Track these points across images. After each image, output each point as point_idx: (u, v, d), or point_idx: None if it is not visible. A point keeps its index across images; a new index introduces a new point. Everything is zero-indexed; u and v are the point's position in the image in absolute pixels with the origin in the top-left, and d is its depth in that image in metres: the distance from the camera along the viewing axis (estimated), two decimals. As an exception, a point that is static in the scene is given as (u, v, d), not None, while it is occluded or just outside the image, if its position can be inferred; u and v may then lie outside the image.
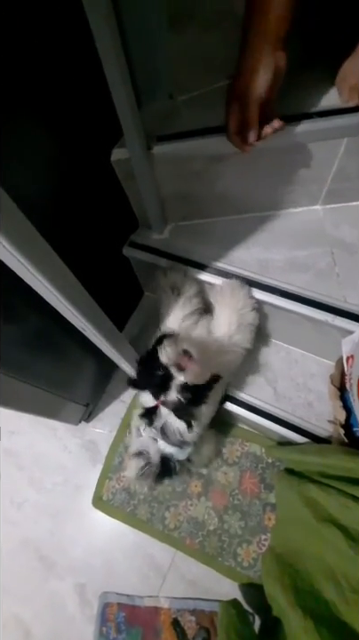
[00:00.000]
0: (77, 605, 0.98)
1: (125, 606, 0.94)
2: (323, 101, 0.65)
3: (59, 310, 0.60)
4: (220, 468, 1.04)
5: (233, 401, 0.91)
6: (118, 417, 1.17)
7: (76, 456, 1.15)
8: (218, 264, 0.81)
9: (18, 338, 0.75)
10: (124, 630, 0.93)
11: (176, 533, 1.00)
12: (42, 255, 0.46)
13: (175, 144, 0.67)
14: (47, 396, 0.91)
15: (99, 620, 0.95)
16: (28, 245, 0.42)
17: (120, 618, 0.94)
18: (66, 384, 0.97)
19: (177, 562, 0.98)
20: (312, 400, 0.88)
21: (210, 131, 0.66)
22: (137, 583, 0.97)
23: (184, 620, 0.91)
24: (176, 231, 0.87)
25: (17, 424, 1.23)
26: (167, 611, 0.92)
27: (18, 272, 0.46)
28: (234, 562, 0.95)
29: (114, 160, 0.70)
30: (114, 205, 0.82)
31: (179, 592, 0.95)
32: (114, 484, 1.08)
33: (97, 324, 0.66)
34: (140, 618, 0.93)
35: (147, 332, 0.99)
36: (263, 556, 0.90)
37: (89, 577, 1.00)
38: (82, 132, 0.64)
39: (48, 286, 0.50)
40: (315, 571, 0.60)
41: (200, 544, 0.98)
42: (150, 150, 0.66)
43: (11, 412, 1.22)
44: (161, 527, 1.01)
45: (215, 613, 0.91)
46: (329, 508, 0.58)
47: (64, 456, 1.15)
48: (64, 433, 1.18)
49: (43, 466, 1.15)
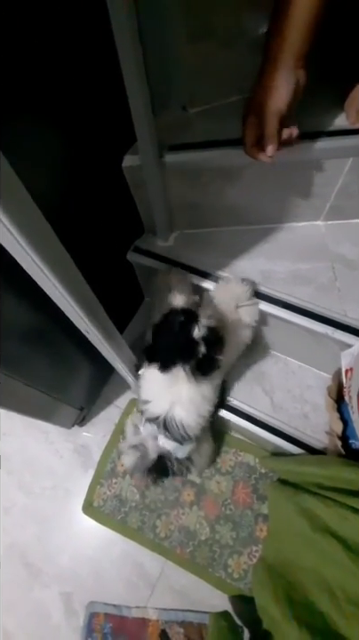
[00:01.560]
0: (63, 615, 0.95)
1: (112, 617, 0.92)
2: (332, 122, 0.68)
3: (64, 311, 0.60)
4: (214, 477, 1.04)
5: (230, 409, 0.91)
6: (112, 422, 1.16)
7: (68, 461, 1.13)
8: (221, 273, 0.82)
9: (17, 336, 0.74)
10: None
11: (166, 543, 0.99)
12: (55, 255, 0.46)
13: (187, 154, 0.68)
14: (42, 398, 0.89)
15: (85, 630, 0.92)
16: (42, 242, 0.42)
17: (107, 628, 0.92)
18: (61, 386, 0.96)
19: (166, 572, 0.96)
20: (308, 411, 0.89)
21: (222, 143, 0.68)
22: (125, 593, 0.95)
23: (172, 632, 0.90)
24: (181, 238, 0.88)
25: (8, 426, 1.21)
26: (155, 622, 0.91)
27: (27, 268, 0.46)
28: (224, 573, 0.94)
29: (125, 166, 0.71)
30: (121, 210, 0.83)
31: (167, 603, 0.93)
32: (105, 490, 1.07)
33: (100, 327, 0.66)
34: (128, 629, 0.91)
35: (146, 336, 0.99)
36: (254, 568, 0.89)
37: (75, 586, 0.98)
38: (95, 136, 0.65)
39: (58, 286, 0.50)
40: (309, 582, 0.60)
41: (191, 554, 0.97)
42: (162, 159, 0.68)
43: (3, 413, 1.20)
44: (151, 536, 1.00)
45: (204, 626, 0.89)
46: (326, 519, 0.58)
47: (55, 460, 1.13)
48: (56, 437, 1.17)
49: (34, 470, 1.13)
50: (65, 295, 0.53)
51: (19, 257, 0.42)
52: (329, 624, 0.50)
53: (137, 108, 0.58)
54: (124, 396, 1.19)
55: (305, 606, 0.56)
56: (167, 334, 0.71)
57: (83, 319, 0.61)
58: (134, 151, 0.70)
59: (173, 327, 0.69)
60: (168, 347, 0.70)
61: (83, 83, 0.59)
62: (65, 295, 0.53)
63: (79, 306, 0.57)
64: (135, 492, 1.05)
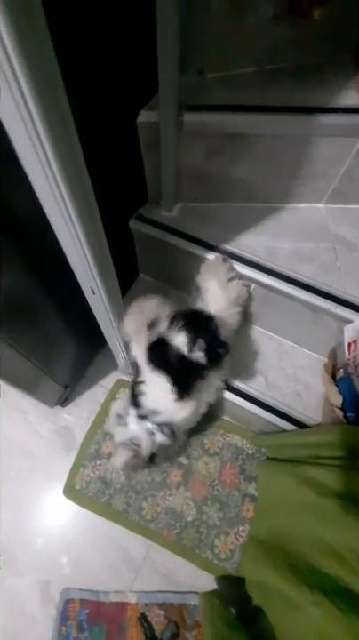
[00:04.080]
0: (39, 604, 0.89)
1: (89, 602, 0.88)
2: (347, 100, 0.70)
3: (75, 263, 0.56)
4: (201, 457, 1.03)
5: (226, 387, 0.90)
6: (97, 402, 1.11)
7: (48, 442, 1.06)
8: (226, 246, 0.81)
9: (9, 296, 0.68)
10: (87, 629, 0.86)
11: (152, 525, 0.96)
12: (84, 198, 0.42)
13: (205, 115, 0.67)
14: (28, 367, 0.84)
15: (59, 618, 0.87)
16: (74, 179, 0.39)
17: (82, 615, 0.87)
18: (47, 357, 0.89)
19: (151, 555, 0.93)
20: (300, 390, 0.90)
21: (239, 108, 0.67)
22: (107, 579, 0.91)
23: (152, 614, 0.87)
24: (185, 211, 0.87)
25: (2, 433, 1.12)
26: (134, 606, 0.87)
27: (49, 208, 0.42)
28: (211, 554, 0.93)
29: (140, 122, 0.68)
30: (127, 173, 0.80)
31: (152, 587, 0.90)
32: (89, 472, 1.01)
33: (108, 286, 0.62)
34: (105, 614, 0.87)
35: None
36: (245, 547, 0.89)
37: (54, 573, 0.92)
38: (114, 85, 0.62)
39: (79, 230, 0.47)
40: (311, 550, 0.61)
41: (177, 536, 0.94)
42: (180, 117, 0.66)
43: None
44: (137, 518, 0.96)
45: (185, 606, 0.87)
46: (332, 484, 0.59)
47: (34, 441, 1.06)
48: (35, 417, 1.09)
49: (9, 451, 1.05)
50: (83, 243, 0.49)
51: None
52: (341, 585, 0.51)
53: (166, 61, 0.55)
54: (110, 377, 1.14)
55: (310, 572, 0.57)
56: (167, 356, 0.70)
57: (94, 274, 0.57)
58: (151, 107, 0.67)
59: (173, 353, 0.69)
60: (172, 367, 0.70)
61: (114, 24, 0.56)
62: (83, 243, 0.49)
63: (94, 257, 0.53)
64: (120, 475, 1.01)
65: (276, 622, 0.64)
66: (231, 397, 0.89)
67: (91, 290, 0.63)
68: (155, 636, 0.85)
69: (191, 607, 0.87)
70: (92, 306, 0.71)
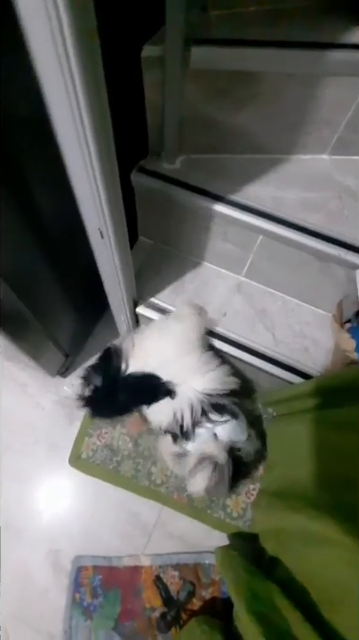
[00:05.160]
0: (51, 575, 0.87)
1: (102, 568, 0.86)
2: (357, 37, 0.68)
3: (83, 196, 0.52)
4: (209, 421, 1.01)
5: (235, 345, 0.89)
6: (99, 372, 1.08)
7: (50, 413, 1.03)
8: (233, 197, 0.79)
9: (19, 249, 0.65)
10: (101, 594, 0.84)
11: (163, 489, 0.94)
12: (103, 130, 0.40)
13: (212, 49, 0.64)
14: (34, 327, 0.80)
15: (72, 586, 0.85)
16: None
17: (96, 581, 0.85)
18: (51, 320, 0.86)
19: (163, 518, 0.92)
20: (308, 345, 0.90)
21: (245, 43, 0.65)
22: (120, 545, 0.90)
23: (167, 576, 0.86)
24: (188, 163, 0.84)
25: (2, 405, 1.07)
26: (149, 569, 0.86)
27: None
28: (223, 513, 0.92)
29: (145, 57, 0.64)
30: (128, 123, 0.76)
31: (165, 550, 0.89)
32: (94, 440, 0.99)
33: (117, 228, 0.59)
34: (119, 579, 0.86)
35: (140, 279, 0.93)
36: (255, 501, 0.89)
37: (64, 543, 0.90)
38: (117, 13, 0.58)
39: (92, 149, 0.44)
40: (332, 488, 0.61)
41: (188, 498, 0.94)
42: (187, 51, 0.62)
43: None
44: (147, 483, 0.95)
45: (199, 565, 0.87)
46: (353, 420, 0.59)
47: (36, 413, 1.03)
48: (36, 389, 1.06)
49: (11, 425, 1.01)
50: (97, 174, 0.46)
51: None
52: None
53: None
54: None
55: (333, 507, 0.56)
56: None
57: (105, 213, 0.54)
58: (156, 42, 0.64)
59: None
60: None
61: None
62: (97, 174, 0.46)
63: (106, 193, 0.50)
64: (128, 441, 0.99)
65: (296, 566, 0.64)
66: (239, 354, 0.88)
67: (100, 233, 0.59)
68: (171, 596, 0.84)
69: (206, 566, 0.87)
70: (98, 255, 0.68)
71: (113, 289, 0.80)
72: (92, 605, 0.83)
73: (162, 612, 0.81)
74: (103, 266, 0.70)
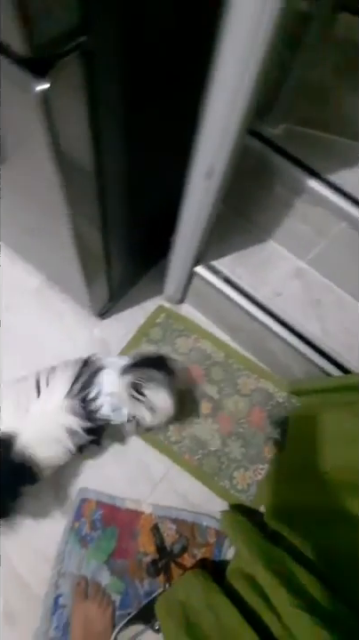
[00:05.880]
0: (51, 498, 0.88)
1: (104, 505, 0.88)
2: None
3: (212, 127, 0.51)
4: (233, 396, 1.03)
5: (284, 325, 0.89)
6: (135, 323, 1.08)
7: (80, 349, 1.02)
8: (328, 176, 0.78)
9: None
10: (99, 528, 0.87)
11: (176, 447, 0.96)
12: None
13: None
14: (98, 253, 0.78)
15: (74, 514, 0.87)
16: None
17: (97, 515, 0.87)
18: (114, 252, 0.84)
19: (171, 475, 0.94)
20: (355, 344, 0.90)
21: None
22: (124, 488, 0.91)
23: (164, 527, 0.88)
24: (290, 132, 0.82)
25: (17, 301, 1.07)
26: (148, 516, 0.88)
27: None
28: (229, 483, 0.94)
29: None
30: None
31: (167, 503, 0.91)
32: (119, 386, 1.00)
33: (229, 168, 0.58)
34: (118, 519, 0.88)
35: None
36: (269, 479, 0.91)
37: (72, 472, 0.91)
38: None
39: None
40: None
41: (198, 461, 0.95)
42: (336, 15, 0.60)
43: (16, 287, 1.06)
44: (162, 438, 0.96)
45: (197, 525, 0.89)
46: None
47: (66, 346, 1.03)
48: (72, 322, 1.06)
49: (39, 350, 1.01)
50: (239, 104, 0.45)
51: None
52: None
53: None
54: (152, 301, 1.12)
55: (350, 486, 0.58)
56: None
57: (226, 149, 0.53)
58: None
59: None
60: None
61: None
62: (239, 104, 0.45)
63: (238, 128, 0.49)
64: (151, 394, 1.00)
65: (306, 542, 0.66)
66: (286, 335, 0.88)
67: (208, 172, 0.58)
68: (165, 546, 0.86)
69: (203, 527, 0.89)
70: (191, 198, 0.67)
71: (186, 238, 0.79)
72: (89, 537, 0.85)
73: (153, 558, 0.84)
74: (190, 210, 0.69)
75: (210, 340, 1.08)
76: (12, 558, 0.83)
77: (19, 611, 0.79)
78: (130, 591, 0.79)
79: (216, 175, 0.58)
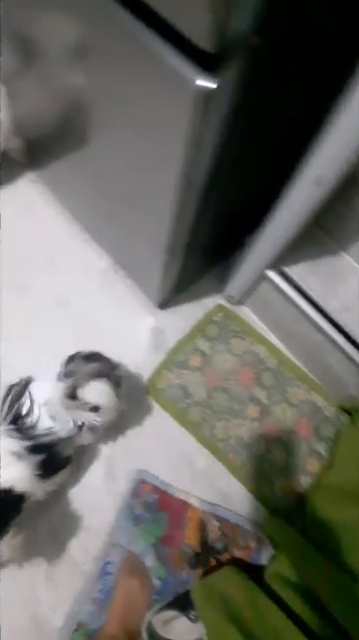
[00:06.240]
0: (102, 475, 0.91)
1: (159, 490, 0.90)
2: None
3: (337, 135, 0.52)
4: (281, 403, 1.03)
5: (348, 339, 0.88)
6: (193, 318, 1.10)
7: (137, 336, 1.06)
8: None
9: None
10: (152, 511, 0.88)
11: (221, 444, 0.97)
12: None
13: None
14: (178, 240, 0.79)
15: (130, 493, 0.89)
16: None
17: (151, 499, 0.89)
18: (191, 243, 0.84)
19: (213, 471, 0.95)
20: None
21: None
22: (169, 477, 0.93)
23: (209, 523, 0.89)
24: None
25: (82, 282, 1.10)
26: (196, 509, 0.90)
27: None
28: (269, 490, 0.95)
29: None
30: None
31: (206, 498, 0.93)
32: (172, 377, 1.02)
33: (339, 178, 0.58)
34: (170, 507, 0.89)
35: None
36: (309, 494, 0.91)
37: (121, 453, 0.94)
38: None
39: None
40: None
41: (241, 463, 0.96)
42: None
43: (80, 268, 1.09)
44: (208, 433, 0.98)
45: (239, 527, 0.90)
46: None
47: (124, 330, 1.06)
48: (131, 309, 1.08)
49: (97, 330, 1.04)
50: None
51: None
52: None
53: None
54: (212, 299, 1.13)
55: None
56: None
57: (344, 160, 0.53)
58: None
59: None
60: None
61: None
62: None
63: None
64: (203, 390, 1.01)
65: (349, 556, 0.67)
66: (350, 350, 0.87)
67: (319, 179, 0.59)
68: (207, 542, 0.87)
69: (244, 531, 0.89)
70: (291, 204, 0.67)
71: (269, 241, 0.79)
72: (142, 517, 0.87)
73: (196, 551, 0.85)
74: (286, 215, 0.70)
75: (264, 345, 1.08)
76: (57, 528, 0.86)
77: (59, 575, 0.82)
78: (169, 579, 0.80)
79: (326, 183, 0.59)
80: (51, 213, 1.18)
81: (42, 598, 0.81)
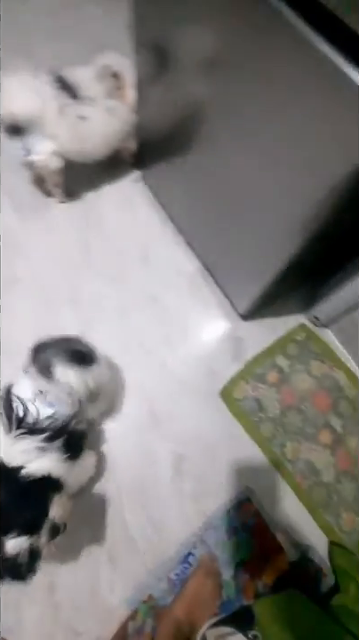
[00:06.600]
0: (169, 471, 0.94)
1: (260, 517, 0.89)
2: None
3: None
4: (356, 436, 1.00)
5: None
6: (275, 333, 1.10)
7: (218, 342, 1.08)
8: None
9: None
10: (247, 532, 0.88)
11: (290, 465, 0.96)
12: None
13: None
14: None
15: (234, 504, 0.90)
16: None
17: (251, 522, 0.89)
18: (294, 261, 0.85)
19: (278, 490, 0.95)
20: None
21: None
22: (231, 486, 0.93)
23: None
24: None
25: (172, 279, 1.14)
26: (285, 557, 0.86)
27: None
28: (334, 520, 0.92)
29: None
30: None
31: (267, 513, 0.92)
32: (248, 388, 1.02)
33: None
34: (264, 540, 0.88)
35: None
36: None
37: (190, 453, 0.96)
38: None
39: None
40: None
41: (309, 487, 0.94)
42: None
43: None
44: (278, 451, 0.97)
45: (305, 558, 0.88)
46: None
47: (205, 335, 1.09)
48: (216, 315, 1.11)
49: (185, 335, 1.08)
50: None
51: None
52: None
53: None
54: (294, 317, 1.12)
55: None
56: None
57: None
58: None
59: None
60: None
61: None
62: None
63: None
64: (277, 407, 1.01)
65: None
66: None
67: None
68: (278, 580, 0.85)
69: (306, 560, 0.87)
70: None
71: None
72: (238, 532, 0.87)
73: (269, 585, 0.83)
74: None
75: (345, 372, 1.05)
76: (126, 518, 0.90)
77: (121, 556, 0.86)
78: (235, 603, 0.80)
79: None
80: (149, 213, 1.23)
81: (102, 577, 0.85)
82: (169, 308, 1.11)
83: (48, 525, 0.64)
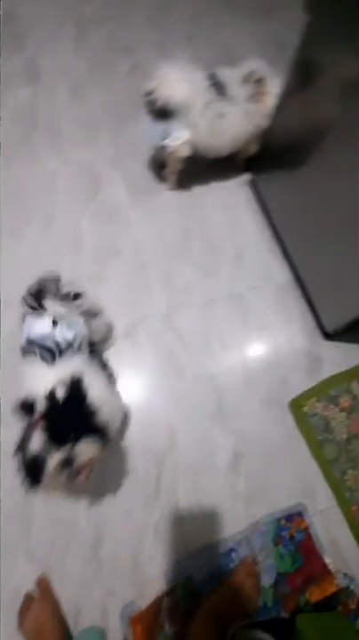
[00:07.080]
0: (226, 465, 0.95)
1: (309, 534, 0.89)
2: None
3: None
4: None
5: None
6: (353, 359, 1.08)
7: (294, 353, 1.08)
8: None
9: None
10: (294, 546, 0.87)
11: (348, 493, 0.94)
12: None
13: None
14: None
15: (285, 514, 0.91)
16: None
17: (299, 537, 0.89)
18: None
19: (330, 514, 0.93)
20: None
21: None
22: (284, 497, 0.93)
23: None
24: None
25: (262, 286, 1.16)
26: (333, 581, 0.84)
27: None
28: (383, 561, 0.89)
29: None
30: None
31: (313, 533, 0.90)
32: (319, 406, 1.02)
33: None
34: (311, 558, 0.87)
35: None
36: None
37: (249, 453, 0.97)
38: None
39: None
40: None
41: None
42: None
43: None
44: (338, 476, 0.95)
45: (344, 587, 0.85)
46: None
47: (284, 345, 1.09)
48: (298, 328, 1.11)
49: (259, 337, 1.10)
50: None
51: None
52: None
53: None
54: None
55: None
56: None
57: None
58: None
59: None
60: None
61: None
62: None
63: None
64: (344, 432, 1.00)
65: None
66: None
67: None
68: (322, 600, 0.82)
69: (348, 590, 0.84)
70: None
71: None
72: (284, 543, 0.88)
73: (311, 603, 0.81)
74: None
75: None
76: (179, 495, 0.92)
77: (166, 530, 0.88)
78: (272, 611, 0.79)
79: None
80: (250, 216, 1.27)
81: (145, 545, 0.87)
82: (253, 311, 1.13)
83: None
